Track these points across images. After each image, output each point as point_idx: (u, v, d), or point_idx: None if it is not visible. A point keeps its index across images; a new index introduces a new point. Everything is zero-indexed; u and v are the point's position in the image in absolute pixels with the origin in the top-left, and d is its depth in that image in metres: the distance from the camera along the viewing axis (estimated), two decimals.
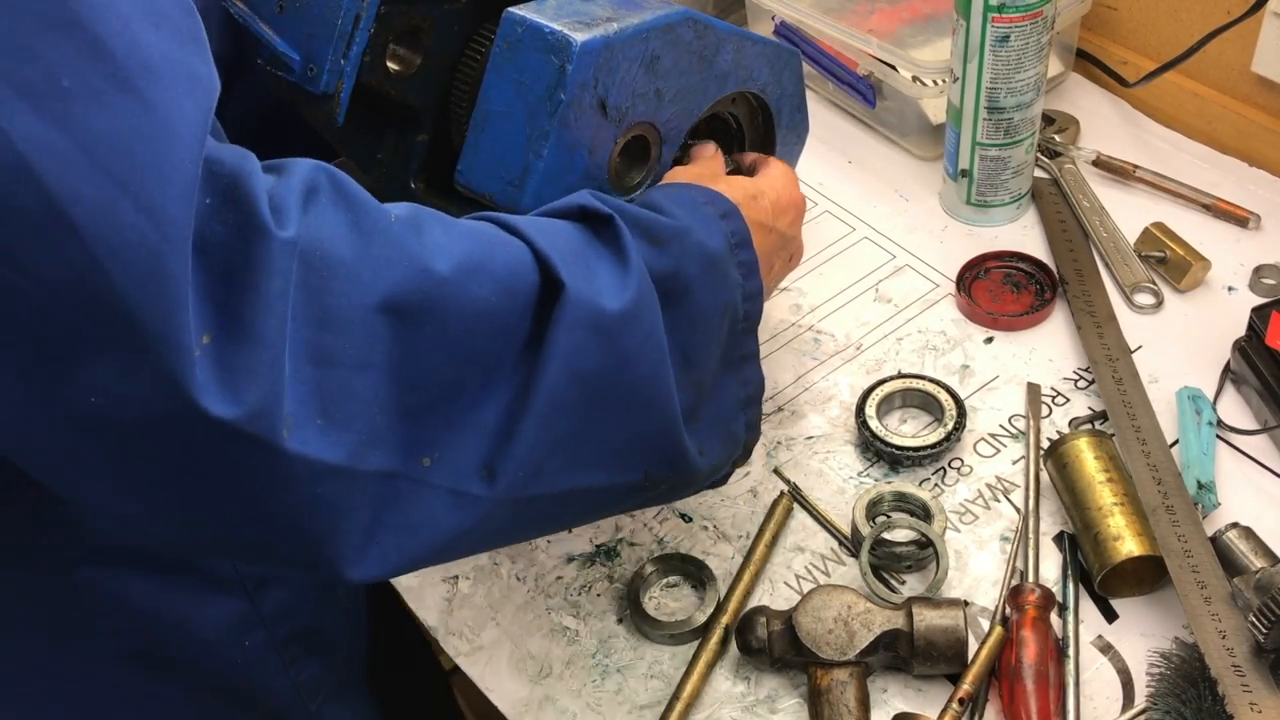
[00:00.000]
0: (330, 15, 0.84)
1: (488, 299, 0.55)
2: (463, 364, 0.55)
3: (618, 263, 0.61)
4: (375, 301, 0.51)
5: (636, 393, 0.61)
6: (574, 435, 0.59)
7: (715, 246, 0.68)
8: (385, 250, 0.52)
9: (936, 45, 1.16)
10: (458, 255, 0.55)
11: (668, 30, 0.78)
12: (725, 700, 0.79)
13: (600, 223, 0.63)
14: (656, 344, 0.62)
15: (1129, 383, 0.91)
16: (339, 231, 0.51)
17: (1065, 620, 0.79)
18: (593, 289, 0.58)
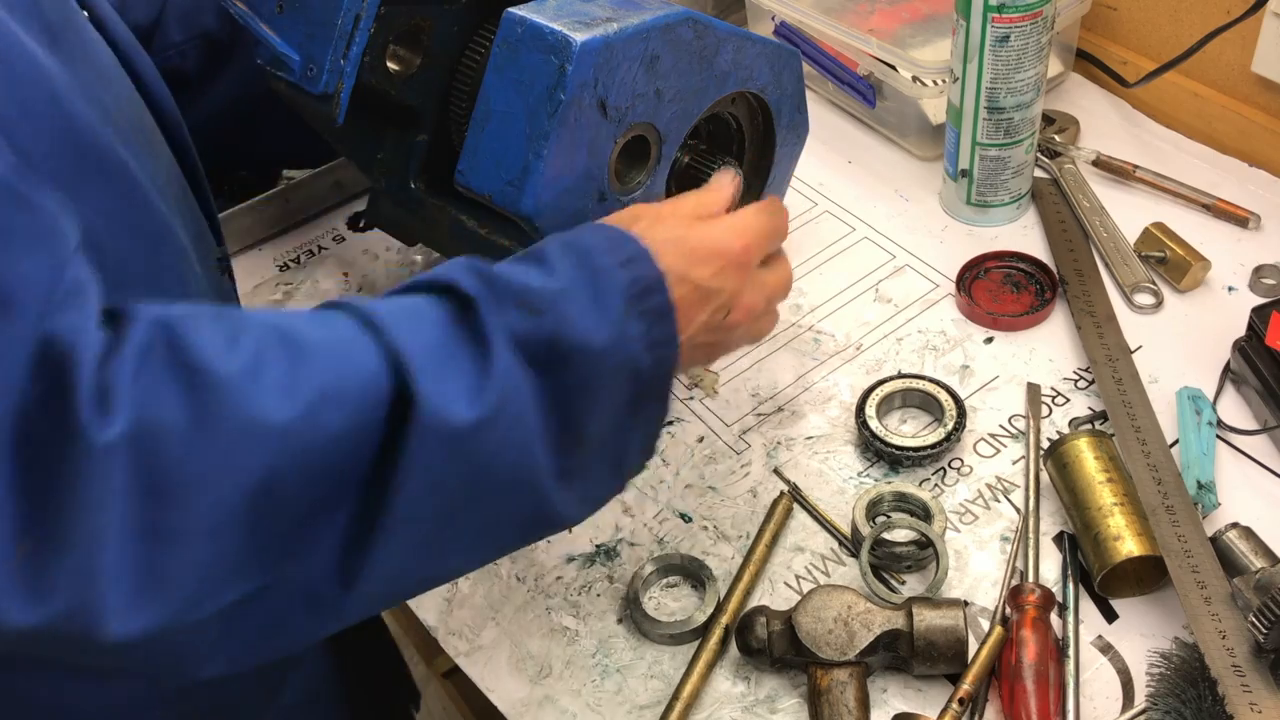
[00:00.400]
0: (330, 15, 0.84)
1: (339, 426, 0.54)
2: (315, 487, 0.54)
3: (478, 359, 0.58)
4: (217, 480, 0.50)
5: (500, 488, 0.60)
6: (431, 536, 0.59)
7: (604, 307, 0.63)
8: (224, 424, 0.50)
9: (936, 45, 1.16)
10: (305, 393, 0.53)
11: (668, 30, 0.78)
12: (725, 700, 0.79)
13: (466, 307, 0.60)
14: (521, 437, 0.60)
15: (1129, 383, 0.91)
16: (174, 412, 0.49)
17: (1065, 620, 0.79)
18: (447, 398, 0.56)
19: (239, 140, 1.04)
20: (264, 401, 0.51)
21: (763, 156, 0.97)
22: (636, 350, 0.65)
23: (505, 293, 0.61)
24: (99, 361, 0.48)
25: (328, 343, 0.56)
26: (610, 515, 0.91)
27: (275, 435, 0.51)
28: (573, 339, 0.61)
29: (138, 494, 0.48)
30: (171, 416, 0.49)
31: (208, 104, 0.97)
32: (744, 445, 0.95)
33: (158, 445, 0.49)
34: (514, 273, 0.63)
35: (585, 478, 0.65)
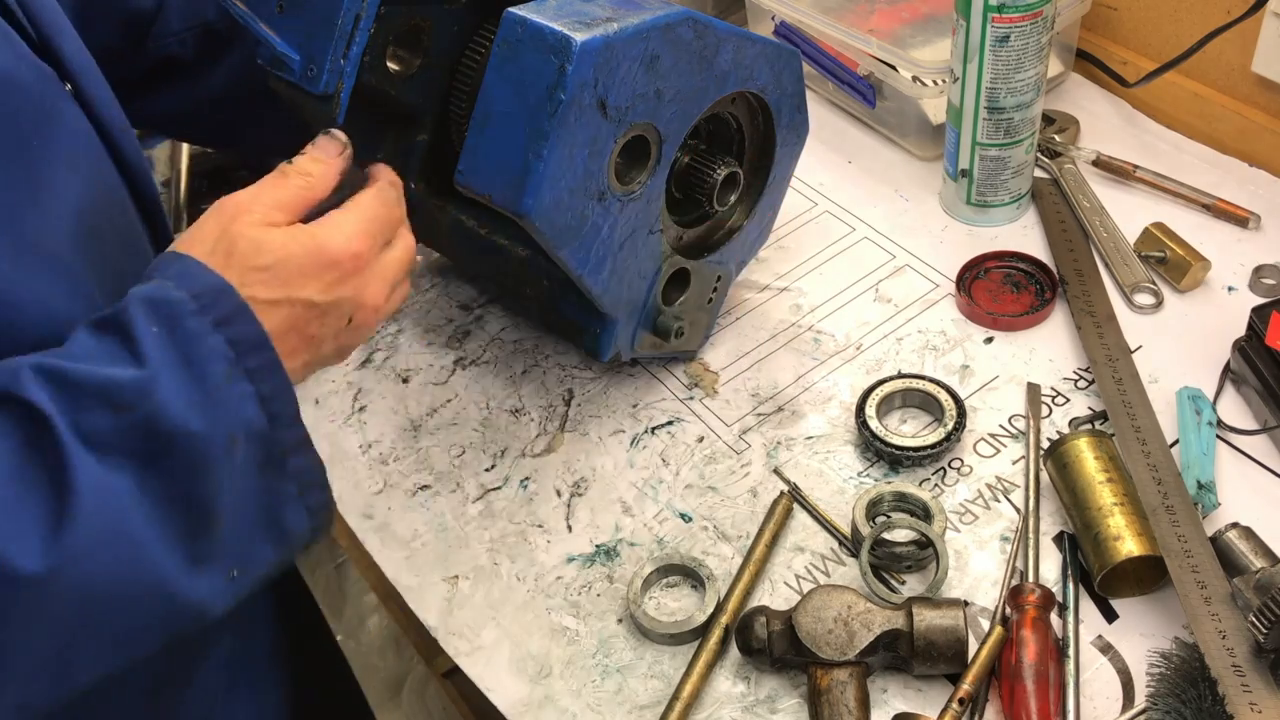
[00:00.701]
0: (330, 15, 0.84)
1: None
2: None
3: (53, 489, 0.54)
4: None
5: (111, 608, 0.57)
6: (50, 670, 0.57)
7: (201, 379, 0.59)
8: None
9: (936, 45, 1.16)
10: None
11: (668, 30, 0.78)
12: (725, 700, 0.79)
13: (39, 425, 0.55)
14: (125, 550, 0.57)
15: (1129, 383, 0.91)
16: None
17: (1065, 620, 0.79)
18: (16, 549, 0.53)
19: (235, 129, 1.05)
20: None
21: (763, 156, 0.97)
22: (250, 413, 0.61)
23: (84, 393, 0.56)
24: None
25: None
26: (610, 515, 0.91)
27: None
28: (171, 424, 0.57)
29: None
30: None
31: (204, 91, 0.98)
32: (744, 445, 0.95)
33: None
34: (95, 363, 0.58)
35: (228, 555, 0.62)
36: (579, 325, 0.92)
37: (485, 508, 0.93)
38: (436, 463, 0.97)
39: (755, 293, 1.07)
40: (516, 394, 1.02)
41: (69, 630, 0.56)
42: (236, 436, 0.60)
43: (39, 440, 0.55)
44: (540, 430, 0.98)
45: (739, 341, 1.03)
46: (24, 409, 0.55)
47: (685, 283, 0.94)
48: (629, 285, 0.87)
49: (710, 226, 0.97)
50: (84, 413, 0.56)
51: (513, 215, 0.76)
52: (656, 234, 0.87)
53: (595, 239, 0.81)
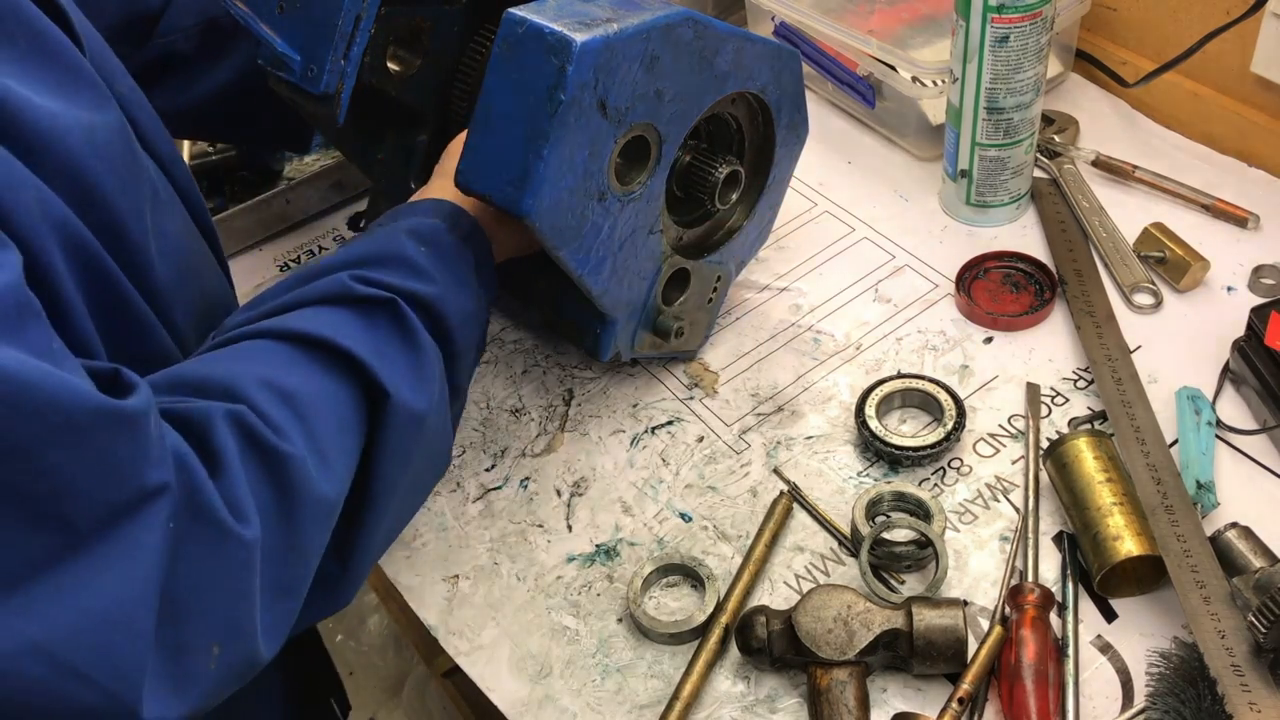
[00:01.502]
0: (331, 16, 0.84)
1: (356, 449, 0.65)
2: None
3: (413, 352, 0.69)
4: (303, 548, 0.62)
5: (437, 454, 0.74)
6: (400, 505, 0.71)
7: (467, 287, 0.76)
8: (303, 511, 0.61)
9: (936, 45, 1.16)
10: (333, 459, 0.63)
11: (668, 31, 0.78)
12: (725, 700, 0.79)
13: (382, 307, 0.69)
14: (445, 410, 0.73)
15: (1128, 383, 0.91)
16: (275, 519, 0.59)
17: (1065, 620, 0.79)
18: (407, 389, 0.67)
19: (235, 124, 1.07)
20: (319, 483, 0.61)
21: (763, 156, 0.97)
22: (485, 305, 0.79)
23: (406, 296, 0.71)
24: (211, 473, 0.56)
25: (314, 393, 0.64)
26: (610, 515, 0.91)
27: (330, 508, 0.63)
28: (455, 320, 0.74)
29: (266, 569, 0.58)
30: (276, 522, 0.59)
31: (206, 86, 0.98)
32: (744, 445, 0.95)
33: (273, 549, 0.58)
34: (397, 279, 0.72)
35: (458, 402, 0.78)
36: (579, 325, 0.92)
37: (485, 507, 0.93)
38: None
39: (755, 293, 1.07)
40: (516, 394, 1.02)
41: (417, 471, 0.71)
42: (480, 330, 0.78)
43: (388, 312, 0.69)
44: (540, 430, 0.99)
45: (739, 341, 1.03)
46: (367, 299, 0.69)
47: (685, 283, 0.94)
48: (629, 285, 0.88)
49: (710, 226, 0.97)
50: (413, 308, 0.71)
51: (513, 215, 0.76)
52: (656, 234, 0.87)
53: (595, 239, 0.81)
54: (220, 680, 0.56)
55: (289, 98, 0.90)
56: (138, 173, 0.69)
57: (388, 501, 0.68)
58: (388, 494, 0.67)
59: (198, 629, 0.54)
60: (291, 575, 0.60)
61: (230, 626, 0.56)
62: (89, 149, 0.62)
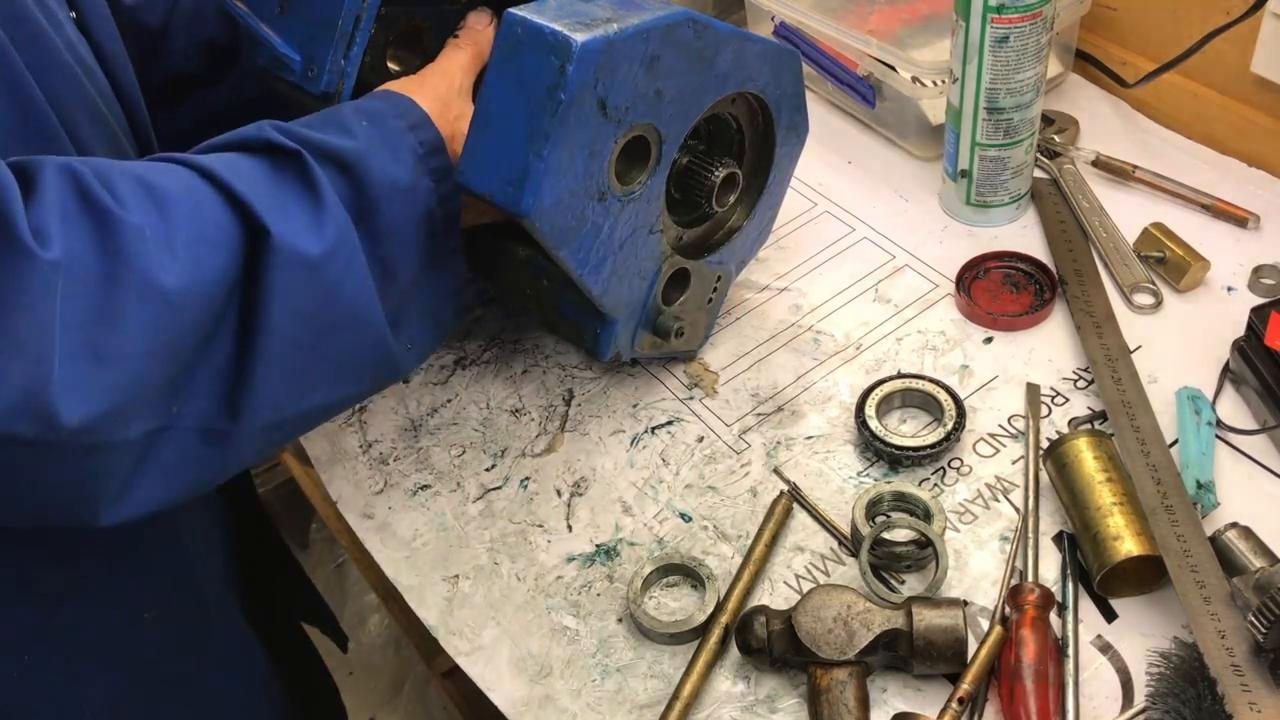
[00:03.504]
0: (331, 16, 0.84)
1: (211, 275, 0.62)
2: (197, 331, 0.62)
3: (312, 201, 0.66)
4: (122, 326, 0.58)
5: (348, 316, 0.69)
6: (300, 364, 0.67)
7: (401, 162, 0.73)
8: (129, 281, 0.58)
9: (936, 46, 1.16)
10: (182, 251, 0.60)
11: (668, 31, 0.78)
12: (725, 700, 0.79)
13: (289, 158, 0.67)
14: (358, 270, 0.69)
15: (1128, 383, 0.91)
16: (92, 258, 0.57)
17: (1065, 620, 0.79)
18: (294, 232, 0.64)
19: None
20: (155, 262, 0.59)
21: (762, 156, 0.97)
22: (431, 203, 0.74)
23: (319, 150, 0.68)
24: (24, 201, 0.55)
25: (182, 193, 0.62)
26: (610, 515, 0.91)
27: (164, 297, 0.59)
28: (379, 187, 0.70)
29: (71, 309, 0.56)
30: (92, 261, 0.57)
31: (211, 105, 0.98)
32: (744, 445, 0.95)
33: (82, 283, 0.56)
34: (319, 134, 0.70)
35: (409, 324, 0.75)
36: (579, 325, 0.92)
37: (485, 507, 0.93)
38: (437, 462, 0.97)
39: (755, 293, 1.07)
40: (516, 394, 1.02)
41: (317, 328, 0.67)
42: (422, 218, 0.73)
43: (293, 166, 0.67)
44: (540, 430, 0.99)
45: (739, 341, 1.03)
46: (278, 148, 0.67)
47: (685, 283, 0.94)
48: (629, 285, 0.88)
49: (710, 226, 0.97)
50: (320, 163, 0.68)
51: (513, 215, 0.76)
52: (656, 234, 0.87)
53: (595, 239, 0.81)
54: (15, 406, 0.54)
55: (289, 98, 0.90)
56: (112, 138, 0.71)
57: (279, 354, 0.65)
58: (279, 345, 0.64)
59: None
60: (104, 341, 0.57)
61: (14, 345, 0.54)
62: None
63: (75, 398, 0.56)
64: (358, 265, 0.68)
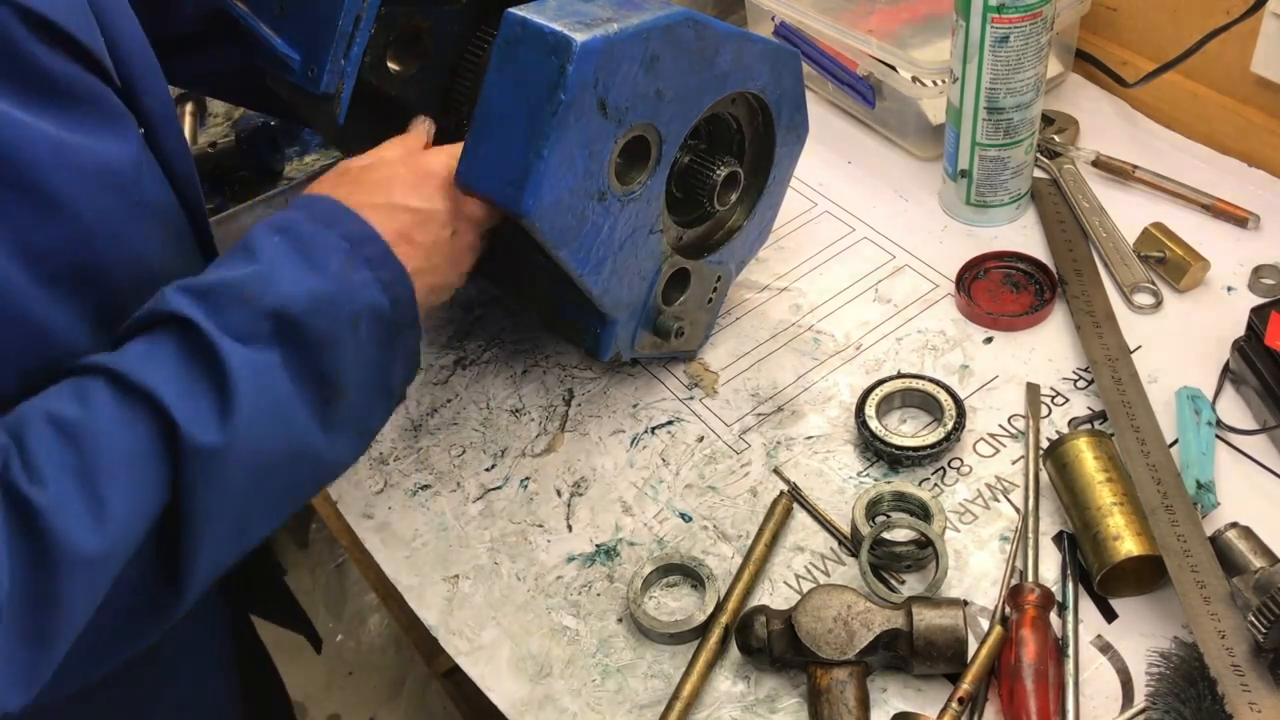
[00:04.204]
0: (331, 16, 0.84)
1: (139, 500, 0.61)
2: (127, 564, 0.62)
3: (215, 378, 0.64)
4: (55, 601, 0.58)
5: (277, 469, 0.67)
6: (234, 523, 0.66)
7: (320, 268, 0.69)
8: (55, 560, 0.58)
9: (936, 45, 1.16)
10: (107, 512, 0.59)
11: (668, 31, 0.78)
12: (725, 700, 0.79)
13: (190, 329, 0.64)
14: (282, 424, 0.66)
15: (1128, 383, 0.91)
16: (20, 556, 0.57)
17: (1065, 620, 0.79)
18: (200, 424, 0.62)
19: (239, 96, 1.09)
20: (75, 533, 0.58)
21: (762, 156, 0.97)
22: (372, 295, 0.71)
23: (218, 295, 0.66)
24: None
25: (98, 424, 0.61)
26: (610, 515, 0.91)
27: (92, 558, 0.59)
28: (295, 304, 0.67)
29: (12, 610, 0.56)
30: (20, 558, 0.57)
31: (223, 63, 0.98)
32: (744, 445, 0.95)
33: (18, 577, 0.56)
34: (224, 272, 0.68)
35: (353, 417, 0.72)
36: (579, 325, 0.92)
37: (485, 507, 0.93)
38: (437, 462, 0.97)
39: (755, 293, 1.07)
40: (516, 394, 1.02)
41: (245, 493, 0.65)
42: (361, 317, 0.70)
43: (194, 341, 0.64)
44: (540, 430, 0.99)
45: (739, 341, 1.03)
46: (175, 320, 0.65)
47: (685, 283, 0.94)
48: (629, 285, 0.88)
49: (710, 226, 0.97)
50: (222, 311, 0.65)
51: (513, 215, 0.76)
52: (657, 234, 0.88)
53: (595, 239, 0.81)
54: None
55: (289, 97, 0.90)
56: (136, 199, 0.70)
57: (208, 532, 0.64)
58: (204, 525, 0.64)
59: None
60: (44, 626, 0.58)
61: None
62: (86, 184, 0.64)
63: (15, 692, 0.57)
64: (280, 415, 0.66)
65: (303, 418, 0.67)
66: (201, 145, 1.30)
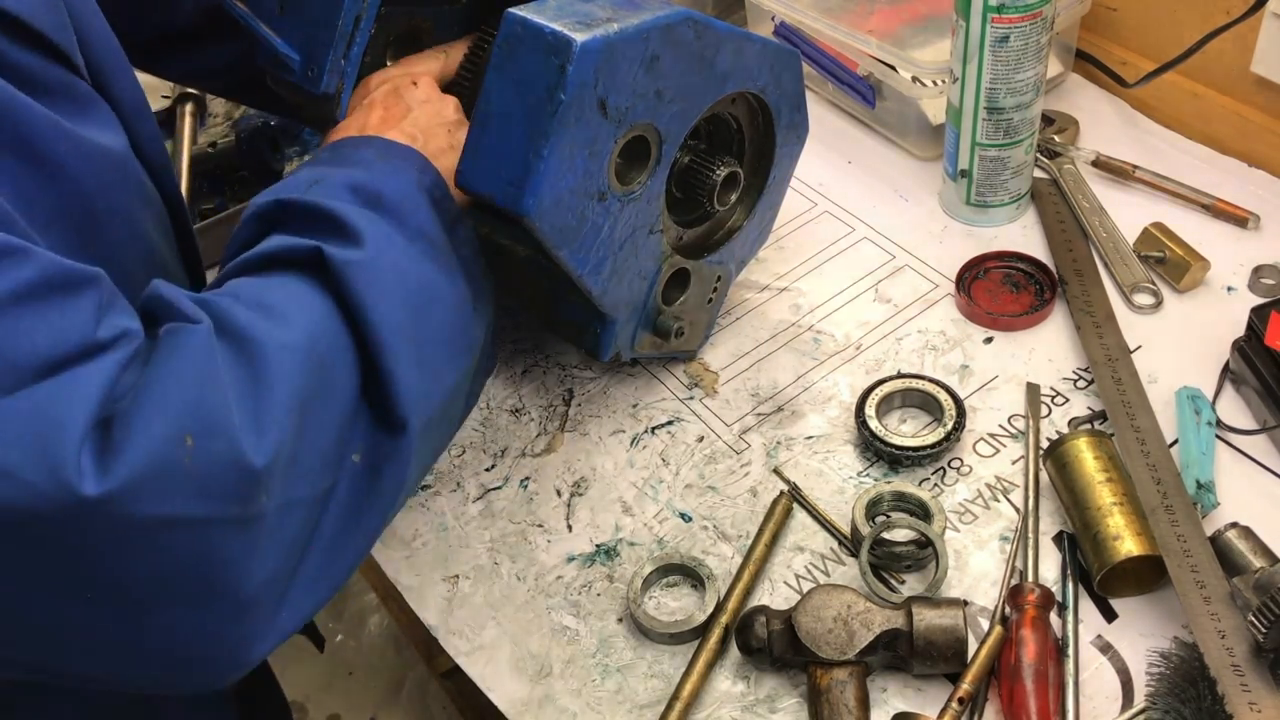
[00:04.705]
0: (331, 16, 0.84)
1: (312, 307, 0.65)
2: (331, 364, 0.65)
3: (332, 226, 0.69)
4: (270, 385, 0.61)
5: (426, 291, 0.71)
6: (418, 353, 0.69)
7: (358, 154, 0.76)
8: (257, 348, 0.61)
9: (936, 45, 1.16)
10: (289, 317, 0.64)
11: (668, 31, 0.78)
12: (725, 700, 0.79)
13: (288, 207, 0.70)
14: (405, 260, 0.71)
15: (1128, 383, 0.91)
16: (226, 339, 0.61)
17: (1065, 620, 0.79)
18: (340, 248, 0.67)
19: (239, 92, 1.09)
20: (266, 330, 0.62)
21: (763, 156, 0.97)
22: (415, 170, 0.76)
23: (296, 182, 0.72)
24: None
25: (248, 285, 0.66)
26: (610, 515, 0.91)
27: (294, 351, 0.62)
28: (361, 179, 0.72)
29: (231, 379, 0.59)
30: (226, 340, 0.60)
31: (217, 58, 0.99)
32: (744, 445, 0.95)
33: (227, 356, 0.60)
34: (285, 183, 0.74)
35: (462, 278, 0.75)
36: (579, 325, 0.92)
37: (485, 507, 0.93)
38: (437, 462, 0.97)
39: (755, 293, 1.07)
40: (516, 394, 1.02)
41: (407, 307, 0.69)
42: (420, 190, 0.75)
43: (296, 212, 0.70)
44: (540, 430, 0.99)
45: (739, 341, 1.03)
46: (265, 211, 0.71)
47: (685, 283, 0.94)
48: (629, 285, 0.88)
49: (710, 226, 0.97)
50: (306, 190, 0.71)
51: (513, 215, 0.76)
52: (657, 234, 0.87)
53: (595, 239, 0.81)
54: (201, 474, 0.56)
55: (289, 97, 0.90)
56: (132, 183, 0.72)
57: (400, 347, 0.67)
58: (395, 339, 0.67)
59: (160, 418, 0.55)
60: (264, 402, 0.60)
61: (198, 415, 0.56)
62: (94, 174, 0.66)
63: (258, 451, 0.58)
64: (400, 248, 0.71)
65: (420, 257, 0.72)
66: (201, 145, 1.30)
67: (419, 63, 0.88)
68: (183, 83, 1.27)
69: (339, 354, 0.65)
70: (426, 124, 0.82)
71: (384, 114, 0.81)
